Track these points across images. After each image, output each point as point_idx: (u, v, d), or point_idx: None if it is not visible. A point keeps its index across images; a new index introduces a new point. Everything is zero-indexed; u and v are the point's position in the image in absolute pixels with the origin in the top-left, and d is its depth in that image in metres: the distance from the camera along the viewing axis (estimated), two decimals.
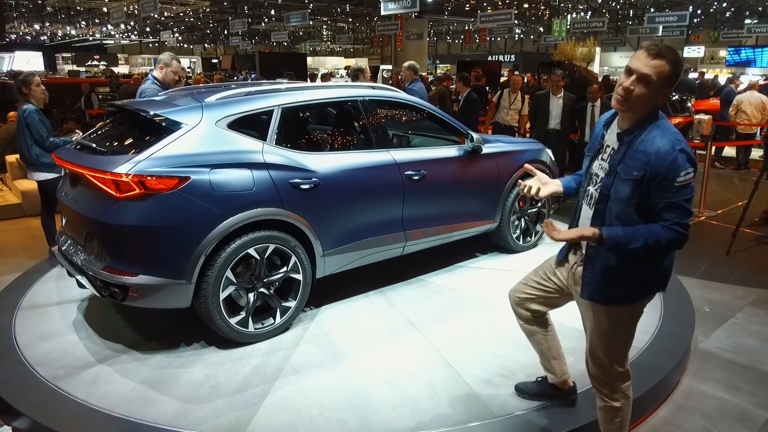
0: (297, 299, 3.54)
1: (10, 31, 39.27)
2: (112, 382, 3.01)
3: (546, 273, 2.51)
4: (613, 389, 2.27)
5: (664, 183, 1.91)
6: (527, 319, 2.62)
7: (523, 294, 2.58)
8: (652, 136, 1.95)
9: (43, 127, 4.59)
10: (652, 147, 1.93)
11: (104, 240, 3.13)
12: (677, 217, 1.93)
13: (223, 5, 30.75)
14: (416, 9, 20.04)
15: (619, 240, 1.97)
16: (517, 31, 38.18)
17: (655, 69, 1.90)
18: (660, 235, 1.93)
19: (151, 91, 4.68)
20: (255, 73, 21.52)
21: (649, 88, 1.92)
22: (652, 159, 1.92)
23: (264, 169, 3.32)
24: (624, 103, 1.97)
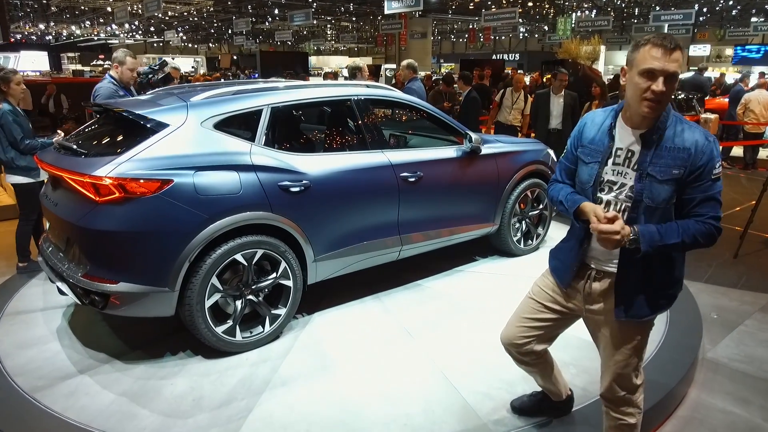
0: (287, 306, 3.40)
1: (15, 31, 39.33)
2: (92, 394, 2.88)
3: (542, 304, 2.27)
4: (628, 403, 2.17)
5: (702, 176, 1.86)
6: (529, 362, 2.40)
7: (521, 339, 2.31)
8: (681, 131, 1.89)
9: (18, 128, 4.33)
10: (689, 141, 1.87)
11: (83, 246, 3.00)
12: (712, 211, 1.88)
13: (226, 4, 30.67)
14: (420, 8, 19.90)
15: (653, 236, 1.85)
16: (521, 29, 37.95)
17: (678, 63, 1.82)
18: (696, 231, 1.86)
19: (106, 90, 4.53)
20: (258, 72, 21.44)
21: (675, 83, 1.85)
22: (692, 153, 1.85)
23: (251, 171, 3.18)
24: (658, 107, 1.84)
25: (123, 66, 4.68)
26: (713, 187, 1.88)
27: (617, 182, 1.98)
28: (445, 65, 37.88)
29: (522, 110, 8.25)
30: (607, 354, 2.15)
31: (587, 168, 2.06)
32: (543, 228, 5.00)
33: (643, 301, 2.00)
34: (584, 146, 2.08)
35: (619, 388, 2.15)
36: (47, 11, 32.84)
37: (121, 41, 47.28)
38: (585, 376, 3.02)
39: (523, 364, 2.43)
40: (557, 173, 2.22)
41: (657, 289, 2.01)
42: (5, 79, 4.40)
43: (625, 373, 2.13)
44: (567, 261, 2.17)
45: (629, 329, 2.06)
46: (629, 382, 2.14)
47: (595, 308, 2.12)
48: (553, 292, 2.25)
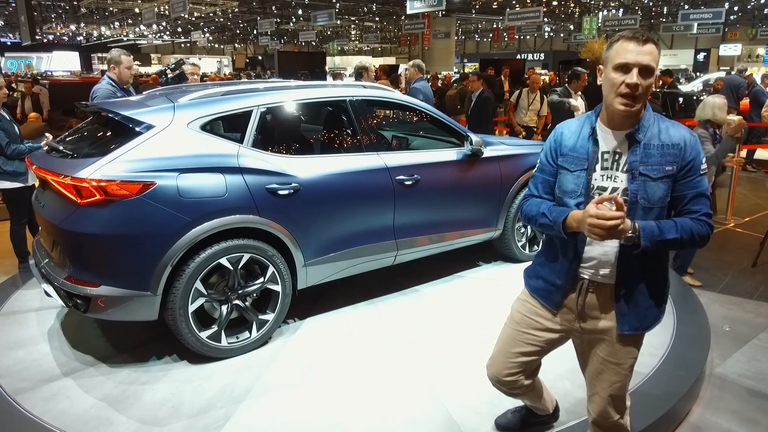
0: (275, 312, 3.33)
1: (47, 32, 40.39)
2: (72, 398, 2.85)
3: (528, 333, 2.10)
4: (617, 428, 2.08)
5: (692, 172, 1.82)
6: (518, 393, 2.29)
7: (510, 377, 2.16)
8: (666, 128, 1.85)
9: (2, 133, 4.25)
10: (678, 137, 1.83)
11: (66, 248, 2.97)
12: (704, 208, 1.83)
13: (251, 5, 30.93)
14: (442, 7, 19.74)
15: (654, 231, 1.76)
16: (546, 29, 37.40)
17: (652, 54, 1.75)
18: (692, 228, 1.80)
19: (103, 91, 4.49)
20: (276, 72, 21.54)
21: (652, 76, 1.77)
22: (683, 148, 1.81)
23: (238, 174, 3.12)
24: (634, 101, 1.77)
25: (120, 66, 4.63)
26: (702, 182, 1.84)
27: (608, 187, 1.88)
28: (468, 65, 37.56)
29: (538, 111, 8.06)
30: (602, 376, 2.01)
31: (572, 176, 1.92)
32: None
33: (647, 309, 1.91)
34: (565, 155, 1.95)
35: (613, 413, 2.04)
36: (78, 12, 33.53)
37: (149, 42, 48.15)
38: (581, 391, 2.87)
39: (512, 395, 2.33)
40: (532, 188, 2.05)
41: (656, 293, 1.92)
42: None
43: (620, 395, 2.02)
44: (554, 278, 2.02)
45: (628, 344, 1.96)
46: (622, 404, 2.05)
47: (591, 325, 1.98)
48: (538, 316, 2.08)
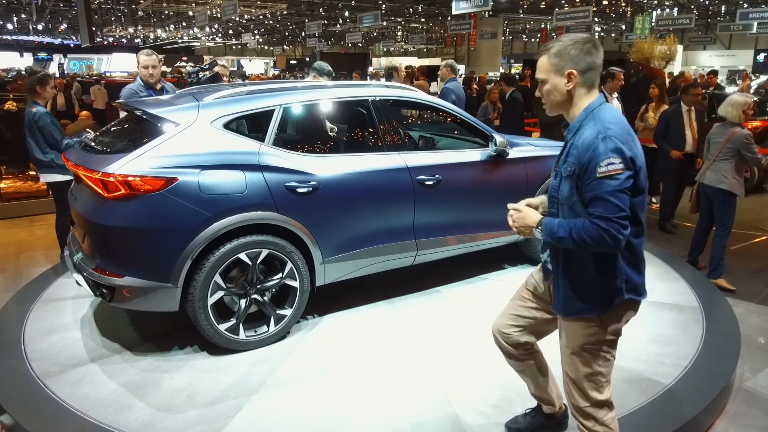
0: (293, 307, 3.39)
1: (107, 34, 42.22)
2: (96, 383, 2.99)
3: (529, 296, 2.30)
4: (592, 418, 2.06)
5: (587, 173, 1.82)
6: (517, 356, 2.35)
7: (508, 328, 2.31)
8: (585, 129, 1.90)
9: (55, 129, 4.52)
10: (581, 139, 1.88)
11: (94, 240, 3.12)
12: (598, 211, 1.80)
13: (300, 8, 31.44)
14: (488, 8, 19.55)
15: (552, 227, 1.89)
16: (596, 29, 36.44)
17: (539, 68, 1.98)
18: (584, 229, 1.81)
19: (126, 90, 4.62)
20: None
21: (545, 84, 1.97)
22: (580, 150, 1.86)
23: (258, 171, 3.19)
24: (546, 108, 2.05)
25: (139, 66, 4.70)
26: (599, 185, 1.80)
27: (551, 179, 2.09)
28: (515, 65, 37.03)
29: None
30: (562, 360, 2.12)
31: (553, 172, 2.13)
32: None
33: (569, 298, 1.99)
34: None
35: (578, 398, 2.07)
36: (135, 15, 34.88)
37: (202, 44, 49.65)
38: None
39: (512, 358, 2.37)
40: None
41: (580, 286, 1.97)
42: (42, 81, 4.56)
43: (578, 380, 2.05)
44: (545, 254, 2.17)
45: (572, 329, 2.02)
46: (581, 389, 2.05)
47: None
48: (539, 284, 2.27)
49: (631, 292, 1.97)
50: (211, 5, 28.72)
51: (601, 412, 2.05)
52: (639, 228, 1.92)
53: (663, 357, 3.21)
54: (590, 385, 2.03)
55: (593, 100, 1.95)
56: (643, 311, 3.73)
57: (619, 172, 1.78)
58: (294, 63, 40.61)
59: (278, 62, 33.03)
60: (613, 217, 1.77)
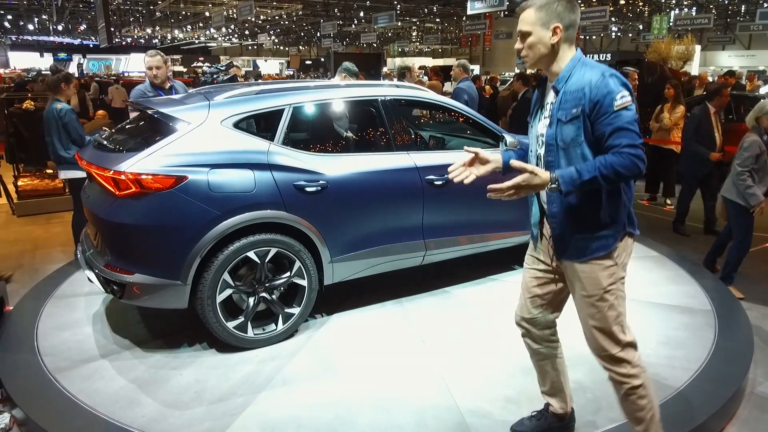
0: (301, 306, 3.40)
1: (125, 34, 42.75)
2: (107, 378, 3.03)
3: (534, 274, 2.34)
4: (625, 361, 2.13)
5: (603, 109, 1.91)
6: (543, 342, 2.39)
7: (532, 312, 2.35)
8: (582, 74, 1.99)
9: (80, 126, 4.69)
10: (584, 81, 1.96)
11: (105, 237, 3.16)
12: (625, 140, 1.89)
13: (315, 8, 31.57)
14: (503, 8, 19.46)
15: (572, 175, 1.91)
16: (613, 29, 36.10)
17: (524, 21, 2.04)
18: (614, 162, 1.89)
19: (135, 91, 4.67)
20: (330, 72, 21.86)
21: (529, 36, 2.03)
22: (586, 91, 1.94)
23: (267, 170, 3.21)
24: (526, 60, 2.10)
25: (145, 66, 4.75)
26: (619, 117, 1.90)
27: (543, 133, 2.11)
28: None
29: None
30: (581, 312, 2.17)
31: (530, 129, 2.24)
32: None
33: (579, 241, 2.07)
34: (530, 110, 2.25)
35: (606, 344, 2.12)
36: (153, 16, 35.28)
37: (218, 44, 50.09)
38: (596, 404, 2.78)
39: (537, 343, 2.39)
40: None
41: (592, 228, 2.05)
42: (67, 79, 4.76)
43: (604, 327, 2.11)
44: (533, 219, 2.31)
45: (590, 275, 2.08)
46: (610, 336, 2.11)
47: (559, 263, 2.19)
48: (533, 251, 2.34)
49: (631, 225, 2.10)
50: (227, 6, 28.95)
51: (631, 353, 2.13)
52: None
53: (673, 360, 3.17)
54: (618, 328, 2.11)
55: (575, 53, 2.06)
56: (654, 314, 3.72)
57: (630, 104, 1.91)
58: (309, 63, 40.77)
59: (292, 62, 33.05)
60: (638, 143, 1.90)
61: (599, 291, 2.08)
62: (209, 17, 31.40)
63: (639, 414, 2.16)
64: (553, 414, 2.51)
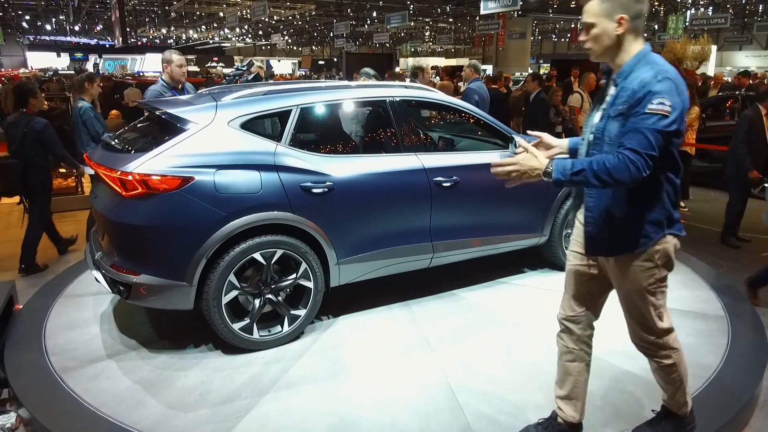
0: (307, 308, 3.39)
1: (141, 35, 43.14)
2: (112, 379, 3.03)
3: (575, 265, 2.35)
4: (660, 347, 2.24)
5: (637, 107, 1.89)
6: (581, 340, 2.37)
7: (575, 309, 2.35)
8: (640, 72, 1.94)
9: (98, 123, 4.81)
10: (636, 80, 1.92)
11: (112, 238, 3.16)
12: (632, 144, 1.86)
13: (328, 8, 31.62)
14: (516, 7, 19.33)
15: (565, 165, 1.93)
16: None
17: (588, 12, 2.01)
18: (606, 161, 1.87)
19: (152, 92, 4.69)
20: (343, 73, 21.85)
21: (593, 28, 2.01)
22: (635, 88, 1.91)
23: (274, 171, 3.19)
24: (591, 53, 2.07)
25: (171, 64, 4.77)
26: (643, 120, 1.86)
27: (596, 124, 2.11)
28: (544, 66, 36.55)
29: None
30: (621, 303, 2.24)
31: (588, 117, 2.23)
32: None
33: (613, 236, 2.09)
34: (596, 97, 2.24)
35: (644, 334, 2.22)
36: (168, 17, 35.57)
37: (232, 44, 50.37)
38: (605, 412, 2.73)
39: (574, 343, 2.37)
40: None
41: (626, 225, 2.06)
42: (91, 78, 4.96)
43: (639, 317, 2.18)
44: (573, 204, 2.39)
45: (627, 270, 2.11)
46: (649, 326, 2.19)
47: None
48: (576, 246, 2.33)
49: (672, 226, 2.09)
50: (241, 6, 29.10)
51: (668, 338, 2.22)
52: (678, 167, 2.03)
53: None
54: (656, 319, 2.17)
55: (643, 47, 2.00)
56: None
57: (666, 114, 1.85)
58: (322, 63, 40.83)
59: (303, 63, 33.08)
60: (643, 152, 1.85)
61: (639, 289, 2.12)
62: (223, 18, 31.56)
63: (668, 385, 2.34)
64: (563, 422, 2.45)
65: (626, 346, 3.02)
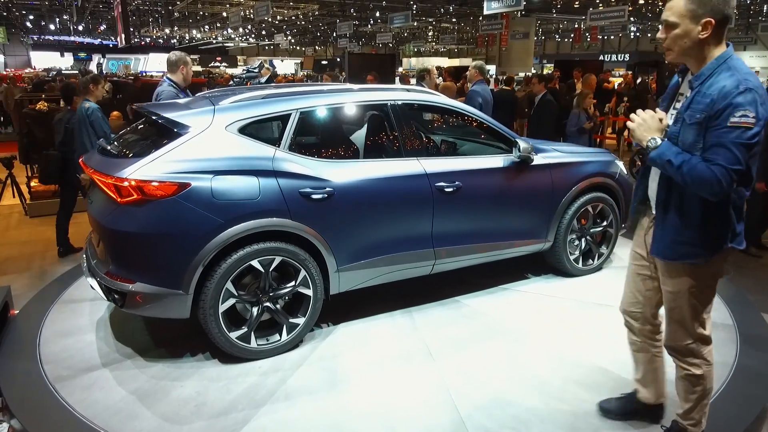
0: (306, 316, 3.32)
1: (144, 35, 43.15)
2: (107, 389, 2.97)
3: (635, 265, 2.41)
4: (693, 354, 2.22)
5: (718, 120, 1.86)
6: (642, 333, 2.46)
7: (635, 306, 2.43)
8: (721, 78, 1.90)
9: (105, 123, 4.83)
10: (716, 88, 1.88)
11: (106, 245, 3.10)
12: (719, 159, 1.84)
13: (331, 8, 31.55)
14: (520, 7, 19.23)
15: (666, 150, 1.95)
16: (632, 28, 35.57)
17: (671, 10, 1.94)
18: (698, 167, 1.87)
19: (168, 93, 4.64)
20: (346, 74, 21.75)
21: (675, 28, 1.94)
22: (714, 98, 1.87)
23: (272, 177, 3.13)
24: (668, 53, 2.02)
25: (188, 66, 4.81)
26: (727, 134, 1.83)
27: (669, 125, 2.08)
28: (547, 66, 36.46)
29: None
30: (665, 304, 2.24)
31: None
32: (607, 247, 4.55)
33: (675, 243, 2.09)
34: (665, 93, 2.26)
35: (678, 336, 2.21)
36: (171, 17, 35.55)
37: (235, 44, 50.33)
38: (614, 425, 2.66)
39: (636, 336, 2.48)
40: None
41: (691, 233, 2.05)
42: (96, 80, 5.02)
43: (681, 320, 2.18)
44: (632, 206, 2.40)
45: (678, 274, 2.13)
46: (688, 330, 2.18)
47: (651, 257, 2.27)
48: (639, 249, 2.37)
49: (734, 241, 2.06)
50: (244, 6, 29.06)
51: (702, 348, 2.21)
52: (750, 180, 1.99)
53: None
54: (695, 323, 2.17)
55: (725, 50, 1.95)
56: None
57: (749, 126, 1.82)
58: (325, 63, 40.73)
59: (305, 63, 32.90)
60: (729, 167, 1.84)
61: (683, 290, 2.13)
62: (226, 17, 31.52)
63: (689, 395, 2.28)
64: (641, 400, 2.58)
65: None
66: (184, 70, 4.82)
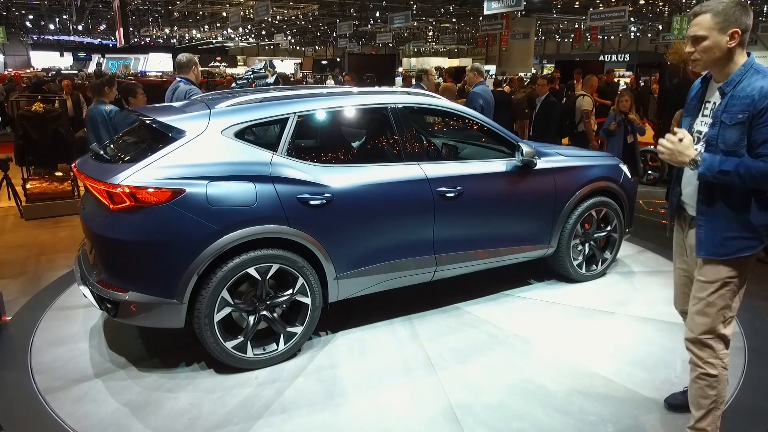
0: (304, 325, 3.24)
1: (144, 35, 43.05)
2: (98, 401, 2.88)
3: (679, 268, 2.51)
4: (711, 350, 2.24)
5: (763, 118, 2.00)
6: None
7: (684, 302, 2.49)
8: (753, 81, 2.06)
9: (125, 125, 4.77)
10: (754, 89, 2.03)
11: (99, 252, 3.02)
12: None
13: (331, 8, 31.47)
14: (520, 8, 19.17)
15: (714, 161, 2.04)
16: (632, 29, 35.46)
17: (699, 25, 2.11)
18: (753, 165, 1.99)
19: (194, 90, 4.63)
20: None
21: (704, 41, 2.10)
22: (756, 98, 2.01)
23: (269, 183, 3.04)
24: (697, 64, 2.17)
25: (197, 66, 4.92)
26: None
27: (702, 131, 2.23)
28: (548, 66, 36.37)
29: None
30: (693, 294, 2.29)
31: (684, 122, 2.36)
32: (611, 252, 4.47)
33: (727, 239, 2.15)
34: (687, 104, 2.36)
35: (699, 326, 2.24)
36: (171, 17, 35.46)
37: (235, 44, 50.23)
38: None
39: None
40: None
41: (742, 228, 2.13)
42: (110, 82, 5.16)
43: (707, 311, 2.21)
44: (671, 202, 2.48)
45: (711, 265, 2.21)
46: (712, 326, 2.22)
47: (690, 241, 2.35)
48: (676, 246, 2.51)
49: None
50: (244, 6, 28.98)
51: (719, 346, 2.24)
52: None
53: None
54: (719, 319, 2.21)
55: (747, 58, 2.13)
56: (675, 336, 3.48)
57: None
58: (325, 63, 40.65)
59: (304, 64, 32.79)
60: None
61: (718, 281, 2.19)
62: (226, 17, 31.44)
63: (702, 401, 2.29)
64: None
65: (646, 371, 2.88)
66: (195, 70, 4.96)
